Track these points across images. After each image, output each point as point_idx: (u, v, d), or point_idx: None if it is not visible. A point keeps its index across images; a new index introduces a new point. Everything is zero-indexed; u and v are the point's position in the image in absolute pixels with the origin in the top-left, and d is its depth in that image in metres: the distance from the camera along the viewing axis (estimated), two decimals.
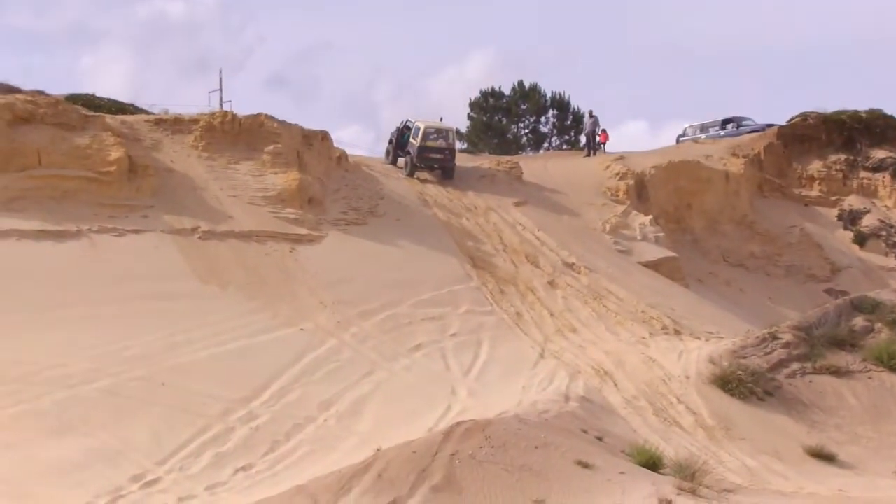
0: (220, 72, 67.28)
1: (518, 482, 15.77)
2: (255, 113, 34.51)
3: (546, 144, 69.70)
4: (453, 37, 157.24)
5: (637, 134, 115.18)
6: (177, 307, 24.90)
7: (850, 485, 18.74)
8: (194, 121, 34.17)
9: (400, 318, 26.68)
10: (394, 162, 40.87)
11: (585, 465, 16.44)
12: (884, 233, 44.89)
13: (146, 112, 37.87)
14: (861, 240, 44.66)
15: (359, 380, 22.92)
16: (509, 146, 65.72)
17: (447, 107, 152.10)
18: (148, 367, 21.86)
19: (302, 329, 25.12)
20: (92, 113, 32.43)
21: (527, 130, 71.34)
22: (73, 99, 34.33)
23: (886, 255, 44.18)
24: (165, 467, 18.27)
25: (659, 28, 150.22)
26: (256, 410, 20.82)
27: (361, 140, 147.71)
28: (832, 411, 22.61)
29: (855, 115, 49.08)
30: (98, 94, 39.65)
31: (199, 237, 28.78)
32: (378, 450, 16.83)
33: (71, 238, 27.34)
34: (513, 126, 71.12)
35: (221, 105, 44.82)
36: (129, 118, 34.02)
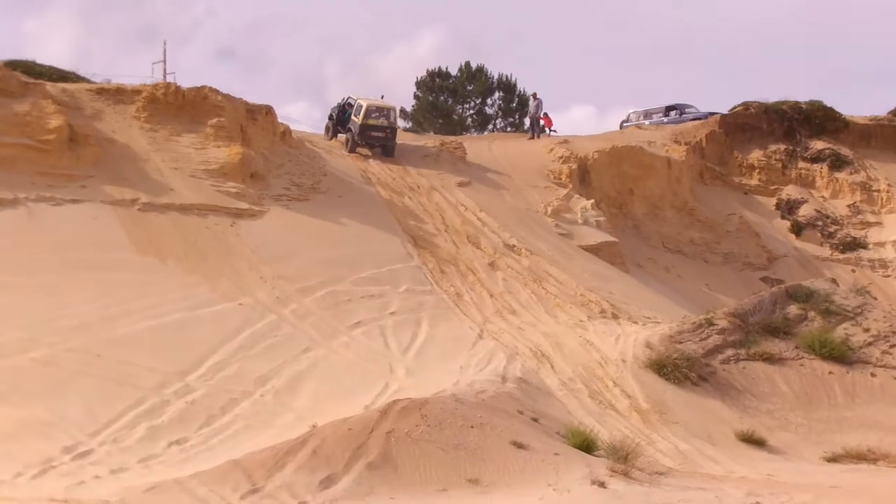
0: (164, 43, 66.62)
1: (454, 461, 15.90)
2: (199, 85, 34.20)
3: (491, 126, 69.81)
4: (405, 14, 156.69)
5: (583, 118, 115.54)
6: (115, 278, 24.66)
7: (780, 469, 19.06)
8: (137, 91, 33.78)
9: (340, 295, 26.64)
10: (333, 137, 40.79)
11: (521, 446, 16.59)
12: (820, 223, 45.50)
13: (88, 81, 37.33)
14: (798, 229, 45.22)
15: (297, 356, 22.87)
16: (454, 127, 65.76)
17: (396, 85, 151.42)
18: (84, 338, 21.67)
19: (241, 304, 25.00)
20: (32, 80, 31.94)
21: (472, 112, 71.40)
22: (13, 65, 33.65)
23: (822, 244, 44.78)
24: (98, 439, 18.16)
25: (608, 13, 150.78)
26: (193, 384, 20.73)
27: (308, 116, 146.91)
28: (764, 397, 22.98)
29: (795, 106, 49.64)
30: (39, 61, 39.04)
31: (139, 209, 28.48)
32: (314, 426, 16.90)
33: (8, 206, 26.92)
34: (458, 107, 71.16)
35: (165, 77, 44.30)
36: (70, 87, 33.50)
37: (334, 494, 14.64)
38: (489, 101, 71.46)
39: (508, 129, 67.09)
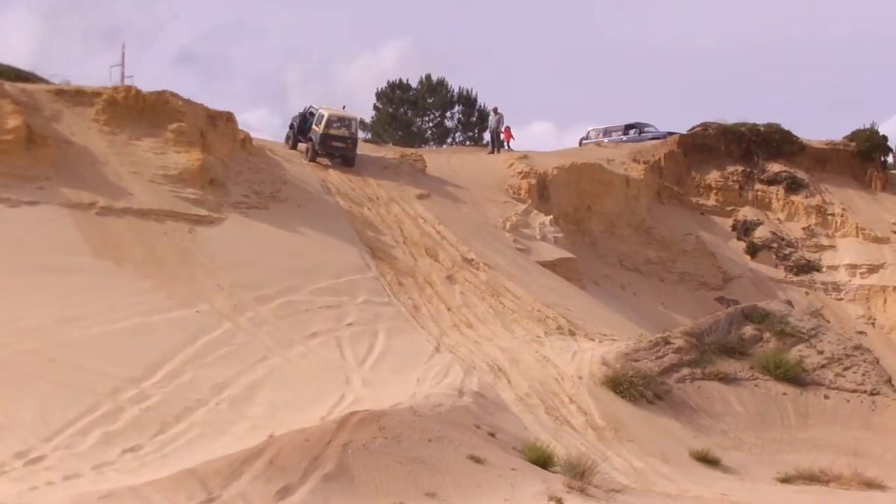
0: (123, 46, 65.79)
1: (410, 474, 15.85)
2: (160, 90, 33.95)
3: (450, 139, 69.94)
4: (369, 25, 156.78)
5: (543, 134, 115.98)
6: (70, 282, 24.41)
7: (733, 489, 19.18)
8: (97, 94, 33.45)
9: (297, 304, 26.52)
10: (294, 147, 40.69)
11: (478, 460, 16.58)
12: (775, 245, 46.01)
13: (47, 82, 37.02)
14: (753, 250, 45.69)
15: (253, 364, 22.72)
16: (413, 139, 65.79)
17: (358, 95, 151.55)
18: (38, 341, 21.41)
19: (197, 311, 24.82)
20: None
21: (432, 124, 71.49)
22: None
23: (776, 266, 45.29)
24: (51, 444, 17.93)
25: (570, 31, 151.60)
26: (147, 391, 20.52)
27: (268, 123, 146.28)
28: (719, 417, 23.12)
29: (753, 128, 50.18)
30: None
31: (97, 212, 28.20)
32: (270, 436, 16.77)
33: None
34: (418, 119, 71.21)
35: (122, 80, 43.96)
36: (28, 87, 33.17)
37: None
38: (449, 115, 71.61)
39: (467, 142, 67.24)
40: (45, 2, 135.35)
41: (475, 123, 70.72)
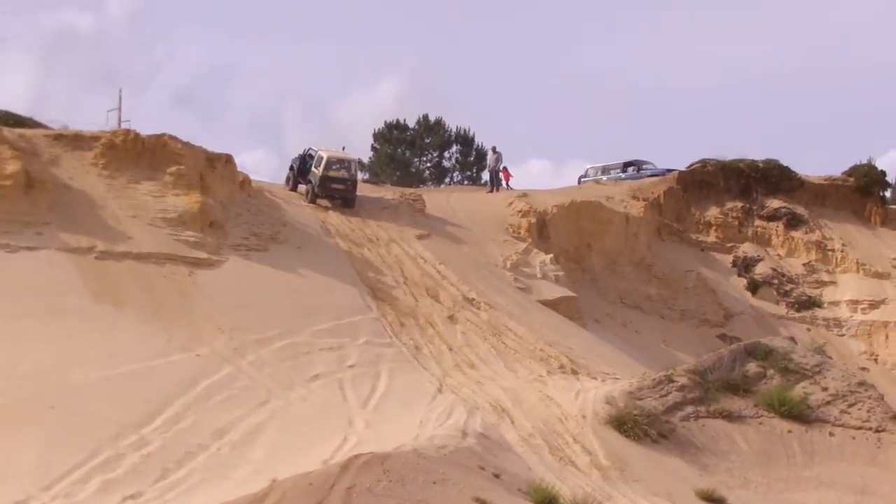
0: (120, 91, 66.16)
1: None
2: (159, 133, 33.93)
3: (448, 179, 69.94)
4: (365, 64, 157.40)
5: (540, 172, 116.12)
6: (70, 326, 24.30)
7: None
8: (95, 138, 33.44)
9: (298, 346, 26.39)
10: (294, 189, 40.67)
11: (483, 503, 16.42)
12: (775, 281, 45.91)
13: (45, 127, 37.03)
14: (754, 287, 45.58)
15: (254, 408, 22.58)
16: (412, 179, 65.79)
17: (354, 134, 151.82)
18: (38, 387, 21.29)
19: (198, 354, 24.69)
20: None
21: (430, 164, 71.52)
22: None
23: (777, 303, 45.17)
24: (51, 493, 17.81)
25: (566, 68, 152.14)
26: (148, 436, 20.38)
27: (266, 165, 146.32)
28: (724, 455, 22.96)
29: (752, 164, 50.21)
30: None
31: (96, 256, 28.12)
32: (273, 480, 16.62)
33: None
34: (416, 159, 71.26)
35: (120, 124, 43.99)
36: (27, 132, 33.18)
37: None
38: (447, 154, 71.65)
39: (466, 182, 67.29)
40: (41, 45, 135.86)
41: (473, 163, 70.78)
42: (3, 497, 17.20)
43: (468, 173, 70.81)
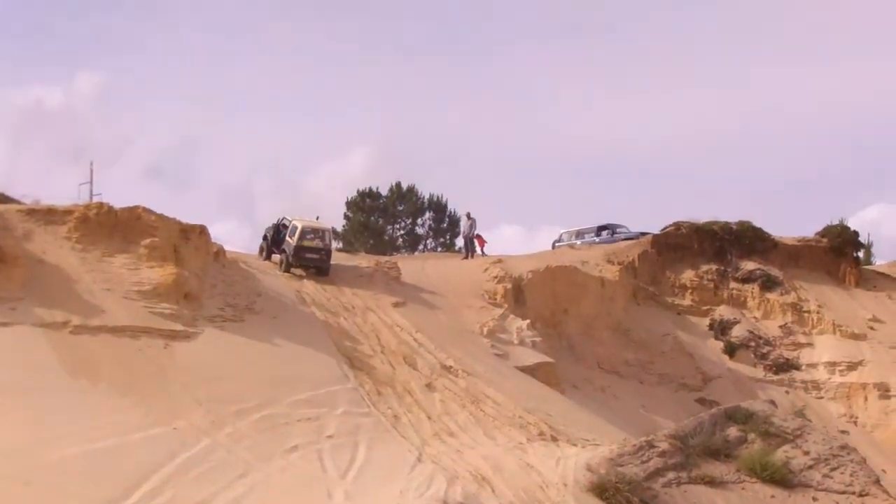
0: (91, 164, 65.86)
1: None
2: (132, 205, 33.83)
3: (422, 246, 70.21)
4: (335, 135, 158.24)
5: (512, 238, 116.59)
6: (46, 402, 24.01)
7: None
8: (68, 212, 33.33)
9: (276, 417, 26.14)
10: (268, 258, 40.70)
11: None
12: (752, 344, 45.95)
13: (17, 202, 36.92)
14: (731, 350, 45.60)
15: (232, 481, 22.26)
16: (385, 246, 65.98)
17: (326, 203, 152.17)
18: (13, 465, 20.92)
19: (175, 428, 24.40)
20: None
21: (403, 232, 71.79)
22: None
23: (755, 365, 45.17)
24: None
25: (536, 134, 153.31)
26: None
27: (238, 235, 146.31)
28: None
29: (725, 227, 50.49)
30: None
31: (71, 331, 27.87)
32: None
33: None
34: (389, 227, 71.52)
35: (91, 197, 43.94)
36: None
37: None
38: (420, 221, 72.08)
39: (439, 248, 67.51)
40: (10, 120, 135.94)
41: (446, 229, 71.15)
42: None
43: (442, 240, 71.14)
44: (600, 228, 53.98)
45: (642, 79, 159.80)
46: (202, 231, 35.41)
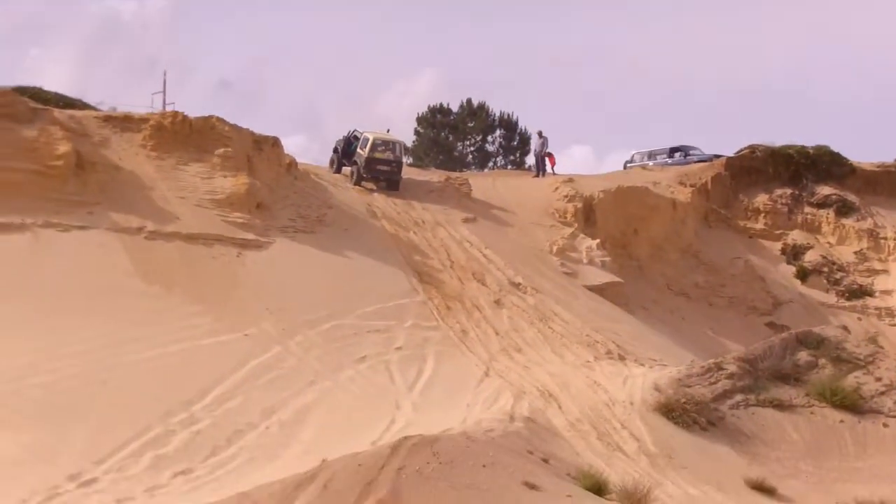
0: (164, 73, 66.79)
1: (465, 500, 15.60)
2: (206, 115, 34.02)
3: (491, 163, 69.78)
4: (404, 55, 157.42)
5: (582, 159, 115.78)
6: (120, 306, 24.47)
7: None
8: (144, 119, 33.63)
9: (346, 328, 26.43)
10: (338, 171, 40.69)
11: (532, 487, 16.30)
12: (825, 269, 45.22)
13: (94, 108, 37.22)
14: (803, 275, 44.93)
15: (302, 388, 22.63)
16: (454, 163, 65.69)
17: (394, 123, 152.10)
18: (89, 365, 21.45)
19: (246, 335, 24.79)
20: (40, 106, 31.80)
21: (473, 149, 71.40)
22: (21, 91, 33.56)
23: (827, 291, 44.47)
24: (103, 467, 17.94)
25: (612, 57, 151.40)
26: (198, 414, 20.51)
27: (306, 150, 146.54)
28: (774, 444, 22.65)
29: (802, 151, 49.48)
30: (45, 88, 39.02)
31: (146, 237, 28.29)
32: (324, 460, 16.57)
33: (15, 231, 26.76)
34: (459, 143, 71.15)
35: (164, 107, 44.22)
36: (77, 113, 33.36)
37: None
38: (490, 139, 71.50)
39: (509, 166, 67.06)
40: (83, 34, 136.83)
41: (516, 147, 70.65)
42: (57, 470, 17.36)
43: (511, 158, 70.67)
44: (673, 150, 53.22)
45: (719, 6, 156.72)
46: (275, 142, 35.57)
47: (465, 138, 71.21)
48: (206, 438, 19.59)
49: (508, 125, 71.08)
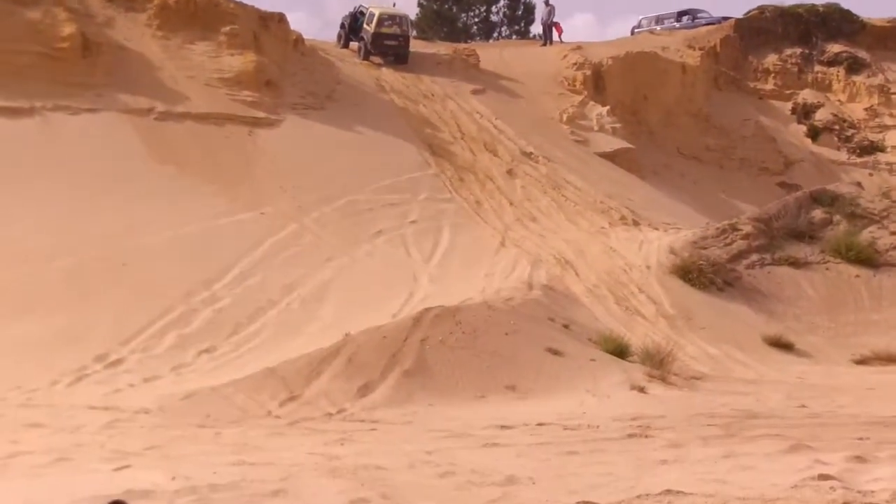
0: None
1: (489, 368, 15.87)
2: None
3: (496, 34, 68.96)
4: None
5: (584, 26, 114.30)
6: (135, 188, 24.52)
7: (809, 372, 19.12)
8: None
9: (360, 204, 26.47)
10: (345, 46, 40.23)
11: (555, 352, 16.55)
12: (836, 127, 44.89)
13: None
14: (814, 134, 44.64)
15: (321, 265, 22.78)
16: (459, 35, 64.87)
17: None
18: (108, 247, 21.60)
19: (262, 213, 24.87)
20: None
21: (477, 19, 70.54)
22: None
23: (838, 149, 44.23)
24: (129, 347, 18.21)
25: None
26: (219, 293, 20.71)
27: (308, 26, 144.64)
28: (790, 301, 22.88)
29: (812, 9, 48.77)
30: None
31: (156, 118, 28.18)
32: (347, 334, 16.78)
33: (24, 115, 26.67)
34: (463, 14, 70.27)
35: None
36: None
37: (373, 401, 14.65)
38: (494, 9, 70.52)
39: (514, 36, 66.30)
40: None
41: (521, 17, 69.71)
42: (84, 351, 17.60)
43: (516, 27, 69.80)
44: (681, 14, 52.40)
45: None
46: (281, 19, 35.15)
47: (469, 9, 70.24)
48: (228, 317, 19.81)
49: None
